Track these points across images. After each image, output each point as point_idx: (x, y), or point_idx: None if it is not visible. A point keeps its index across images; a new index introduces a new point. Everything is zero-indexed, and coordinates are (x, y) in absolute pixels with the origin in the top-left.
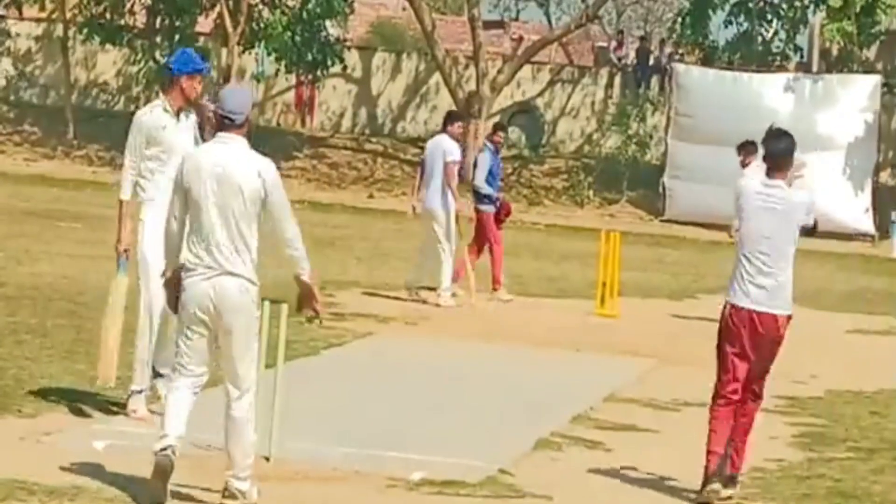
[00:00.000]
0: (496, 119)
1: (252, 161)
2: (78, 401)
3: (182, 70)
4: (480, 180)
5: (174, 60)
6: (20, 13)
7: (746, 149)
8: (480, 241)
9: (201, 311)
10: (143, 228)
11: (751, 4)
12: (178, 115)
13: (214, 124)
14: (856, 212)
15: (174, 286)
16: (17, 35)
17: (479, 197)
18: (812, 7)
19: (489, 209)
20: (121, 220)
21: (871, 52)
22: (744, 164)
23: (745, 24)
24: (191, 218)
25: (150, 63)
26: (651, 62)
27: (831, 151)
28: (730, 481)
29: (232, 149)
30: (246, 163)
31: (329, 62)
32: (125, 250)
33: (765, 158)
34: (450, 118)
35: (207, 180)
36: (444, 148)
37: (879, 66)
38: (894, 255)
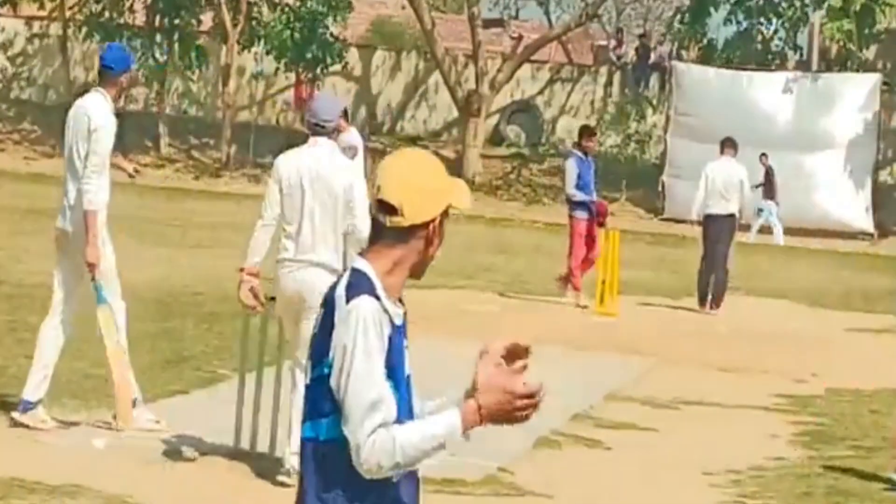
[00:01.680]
0: (495, 117)
1: (340, 162)
2: (78, 399)
3: (123, 68)
4: (570, 188)
5: (114, 59)
6: (14, 10)
7: (725, 143)
8: (576, 249)
9: (294, 298)
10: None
11: (750, 3)
12: None
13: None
14: (856, 210)
15: (252, 283)
16: (16, 34)
17: (572, 204)
18: (812, 6)
19: (579, 215)
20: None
21: (870, 52)
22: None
23: (745, 23)
24: (285, 217)
25: (150, 62)
26: (650, 61)
27: (831, 150)
28: None
29: (324, 152)
30: (336, 164)
31: (329, 60)
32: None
33: None
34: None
35: (305, 181)
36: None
37: (879, 65)
38: (751, 241)
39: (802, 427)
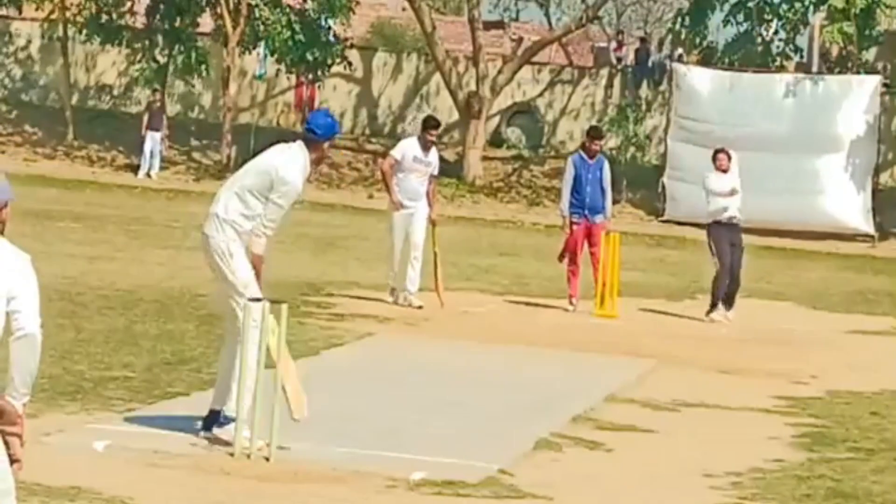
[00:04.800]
0: (496, 119)
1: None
2: (78, 401)
3: (329, 134)
4: (563, 190)
5: (319, 125)
6: (20, 12)
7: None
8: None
9: None
10: None
11: (750, 4)
12: None
13: None
14: (856, 212)
15: None
16: (18, 36)
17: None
18: (812, 8)
19: (572, 219)
20: None
21: (870, 54)
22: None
23: (745, 25)
24: None
25: (151, 63)
26: (651, 62)
27: (832, 152)
28: None
29: None
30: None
31: (331, 61)
32: None
33: None
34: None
35: None
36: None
37: (879, 67)
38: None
39: (803, 429)
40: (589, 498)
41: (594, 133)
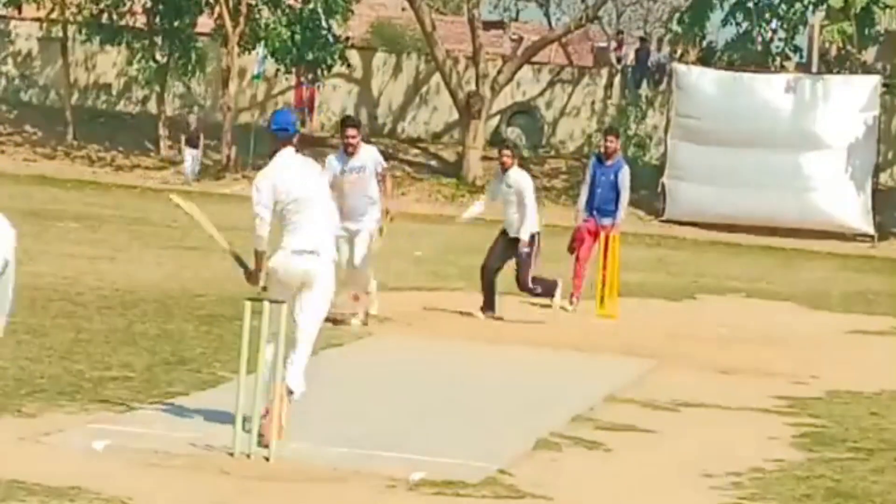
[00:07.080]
0: (496, 119)
1: None
2: (78, 401)
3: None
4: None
5: (288, 122)
6: (19, 11)
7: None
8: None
9: None
10: None
11: (750, 4)
12: None
13: None
14: (856, 212)
15: None
16: (18, 36)
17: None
18: (811, 7)
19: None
20: None
21: (869, 53)
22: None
23: (744, 24)
24: None
25: (150, 63)
26: (650, 63)
27: (831, 152)
28: None
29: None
30: None
31: (330, 62)
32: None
33: None
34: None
35: None
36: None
37: (878, 66)
38: None
39: (802, 429)
40: (589, 498)
41: (606, 130)
